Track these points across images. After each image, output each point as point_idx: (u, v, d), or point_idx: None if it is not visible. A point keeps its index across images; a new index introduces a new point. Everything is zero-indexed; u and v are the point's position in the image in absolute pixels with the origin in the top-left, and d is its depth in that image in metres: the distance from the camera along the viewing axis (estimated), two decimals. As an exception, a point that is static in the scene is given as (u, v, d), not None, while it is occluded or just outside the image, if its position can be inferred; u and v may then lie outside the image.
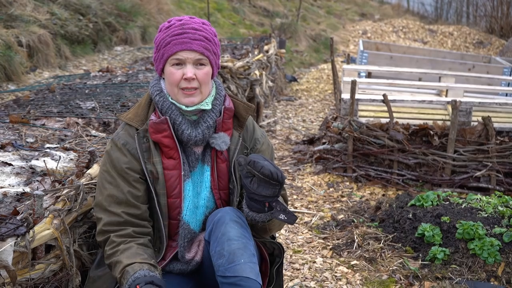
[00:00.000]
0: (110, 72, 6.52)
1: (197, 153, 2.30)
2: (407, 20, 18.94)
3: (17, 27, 7.43)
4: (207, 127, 2.25)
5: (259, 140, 2.41)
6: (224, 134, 2.29)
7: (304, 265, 3.63)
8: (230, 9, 14.88)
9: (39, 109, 4.20)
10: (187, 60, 2.19)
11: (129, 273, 2.03)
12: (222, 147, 2.28)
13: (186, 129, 2.22)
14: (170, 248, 2.29)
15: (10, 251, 1.93)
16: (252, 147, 2.38)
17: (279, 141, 6.72)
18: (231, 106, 2.33)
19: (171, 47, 2.18)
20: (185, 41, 2.18)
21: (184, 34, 2.19)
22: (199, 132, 2.24)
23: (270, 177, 2.05)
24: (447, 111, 5.61)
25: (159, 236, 2.27)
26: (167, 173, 2.23)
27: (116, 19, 10.00)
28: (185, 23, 2.22)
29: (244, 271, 2.04)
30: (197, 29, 2.21)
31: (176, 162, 2.24)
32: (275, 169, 2.06)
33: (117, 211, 2.18)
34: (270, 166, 2.05)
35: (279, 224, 2.34)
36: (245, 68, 6.94)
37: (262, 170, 2.04)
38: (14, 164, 2.76)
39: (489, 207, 3.78)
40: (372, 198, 4.85)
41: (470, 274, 3.36)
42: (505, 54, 12.89)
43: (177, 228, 2.27)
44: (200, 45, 2.20)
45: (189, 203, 2.27)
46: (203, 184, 2.30)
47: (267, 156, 2.40)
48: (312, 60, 13.38)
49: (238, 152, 2.33)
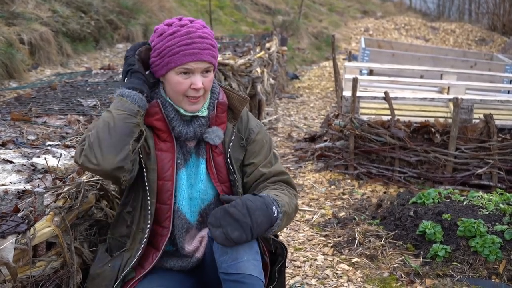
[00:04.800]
0: (111, 69, 6.53)
1: (189, 146, 2.30)
2: (409, 18, 18.93)
3: (19, 24, 7.44)
4: (199, 125, 2.25)
5: (254, 130, 2.39)
6: (217, 128, 2.29)
7: (305, 263, 3.63)
8: (232, 6, 14.88)
9: (41, 107, 4.20)
10: (196, 70, 2.17)
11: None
12: (215, 141, 2.28)
13: (178, 126, 2.23)
14: (161, 236, 2.27)
15: (11, 248, 1.93)
16: (247, 137, 2.37)
17: (280, 139, 6.72)
18: (224, 100, 2.32)
19: (180, 57, 2.15)
20: (195, 52, 2.16)
21: (192, 44, 2.16)
22: (190, 130, 2.24)
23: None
24: (448, 109, 5.60)
25: (144, 215, 2.23)
26: (160, 154, 2.23)
27: (117, 17, 10.00)
28: (190, 31, 2.18)
29: (248, 268, 2.04)
30: (203, 37, 2.19)
31: (169, 145, 2.24)
32: (224, 240, 2.02)
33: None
34: (219, 237, 2.02)
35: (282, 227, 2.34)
36: (246, 65, 6.94)
37: (215, 240, 2.06)
38: (15, 162, 2.76)
39: (491, 205, 3.78)
40: (373, 196, 4.85)
41: (471, 271, 3.36)
42: (507, 51, 12.88)
43: (167, 213, 2.25)
44: (209, 55, 2.19)
45: (184, 192, 2.27)
46: (198, 177, 2.30)
47: (262, 146, 2.39)
48: (314, 58, 13.38)
49: (233, 144, 2.33)
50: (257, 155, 2.37)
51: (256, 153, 2.37)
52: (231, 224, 2.01)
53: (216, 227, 2.02)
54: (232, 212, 2.03)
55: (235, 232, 2.01)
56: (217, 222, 2.02)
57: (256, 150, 2.38)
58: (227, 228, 2.01)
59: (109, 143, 2.06)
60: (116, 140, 2.07)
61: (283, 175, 2.40)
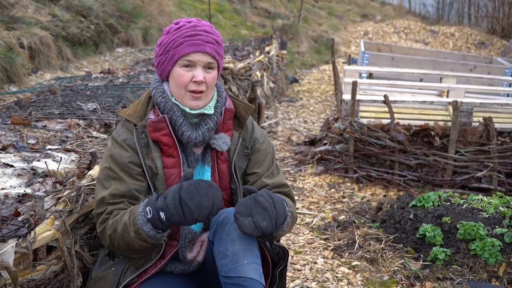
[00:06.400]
0: (111, 73, 6.53)
1: (197, 153, 2.30)
2: (409, 21, 18.94)
3: (18, 29, 7.44)
4: (207, 129, 2.25)
5: (258, 139, 2.41)
6: (224, 135, 2.30)
7: (305, 266, 3.63)
8: (232, 10, 14.89)
9: (41, 111, 4.21)
10: (198, 62, 2.18)
11: (137, 206, 2.10)
12: (222, 147, 2.29)
13: (187, 131, 2.22)
14: (170, 247, 2.28)
15: (12, 252, 1.93)
16: (251, 147, 2.38)
17: (280, 142, 6.73)
18: (231, 107, 2.34)
19: (184, 47, 2.16)
20: (199, 42, 2.17)
21: (197, 36, 2.18)
22: (199, 134, 2.24)
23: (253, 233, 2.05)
24: (448, 112, 5.60)
25: None
26: (167, 171, 2.23)
27: (117, 21, 10.02)
28: (196, 25, 2.20)
29: (248, 272, 2.04)
30: (209, 32, 2.21)
31: (175, 160, 2.24)
32: (253, 229, 2.02)
33: (121, 200, 2.19)
34: (248, 227, 2.02)
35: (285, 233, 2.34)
36: (246, 69, 6.94)
37: (242, 229, 2.05)
38: (15, 166, 2.77)
39: (490, 208, 3.78)
40: (373, 199, 4.85)
41: (471, 274, 3.36)
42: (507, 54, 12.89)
43: (177, 227, 2.26)
44: (212, 48, 2.20)
45: None
46: None
47: (266, 156, 2.40)
48: (314, 61, 13.38)
49: (238, 152, 2.34)
50: (260, 165, 2.38)
51: (259, 163, 2.38)
52: (261, 213, 2.02)
53: (246, 215, 2.01)
54: (261, 201, 2.03)
55: (264, 221, 2.02)
56: (247, 211, 2.02)
57: (260, 160, 2.39)
58: (257, 217, 2.01)
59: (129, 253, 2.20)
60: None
61: (285, 188, 2.42)
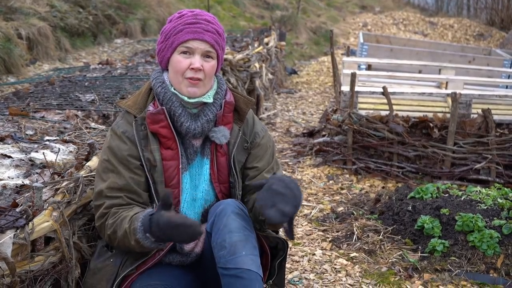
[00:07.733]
0: (110, 64, 6.52)
1: (196, 145, 2.29)
2: (408, 13, 18.90)
3: (16, 19, 7.42)
4: (207, 120, 2.25)
5: (259, 134, 2.41)
6: (224, 128, 2.29)
7: (303, 257, 3.63)
8: (230, 1, 14.85)
9: (39, 102, 4.20)
10: (196, 50, 2.19)
11: (139, 215, 2.06)
12: (221, 140, 2.28)
13: (186, 121, 2.22)
14: None
15: (10, 243, 1.93)
16: (252, 141, 2.38)
17: (279, 134, 6.72)
18: (231, 100, 2.33)
19: (183, 34, 2.18)
20: (198, 30, 2.18)
21: (197, 24, 2.19)
22: (198, 125, 2.23)
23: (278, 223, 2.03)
24: (447, 104, 5.60)
25: None
26: (165, 163, 2.23)
27: (116, 12, 9.99)
28: (198, 13, 2.22)
29: (246, 263, 2.04)
30: (209, 21, 2.22)
31: (174, 152, 2.23)
32: (281, 217, 1.97)
33: (119, 195, 2.18)
34: (275, 217, 1.96)
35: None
36: (245, 60, 6.93)
37: (271, 221, 1.99)
38: (13, 157, 2.76)
39: (489, 199, 3.78)
40: (371, 191, 4.85)
41: (469, 266, 3.37)
42: (506, 46, 12.88)
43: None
44: (211, 37, 2.20)
45: (186, 195, 2.27)
46: (202, 177, 2.30)
47: (266, 151, 2.39)
48: (312, 53, 13.36)
49: (237, 146, 2.33)
50: (260, 159, 2.38)
51: (259, 157, 2.38)
52: (281, 201, 1.97)
53: (271, 206, 1.96)
54: (276, 188, 1.99)
55: (287, 206, 1.96)
56: (270, 201, 1.97)
57: (260, 154, 2.38)
58: (279, 205, 1.96)
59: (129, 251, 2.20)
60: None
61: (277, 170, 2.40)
